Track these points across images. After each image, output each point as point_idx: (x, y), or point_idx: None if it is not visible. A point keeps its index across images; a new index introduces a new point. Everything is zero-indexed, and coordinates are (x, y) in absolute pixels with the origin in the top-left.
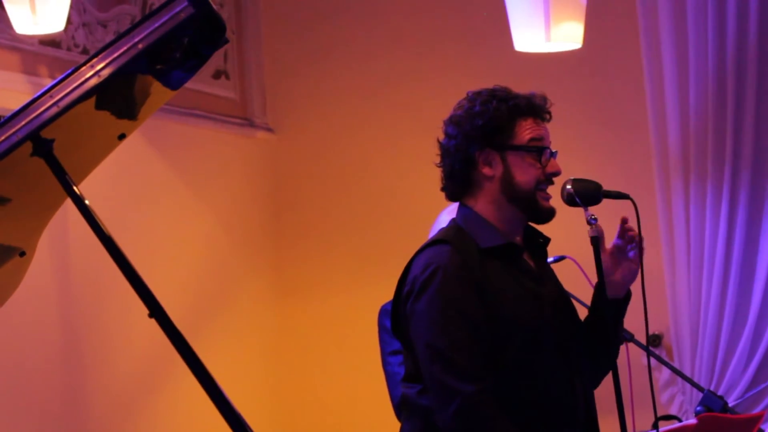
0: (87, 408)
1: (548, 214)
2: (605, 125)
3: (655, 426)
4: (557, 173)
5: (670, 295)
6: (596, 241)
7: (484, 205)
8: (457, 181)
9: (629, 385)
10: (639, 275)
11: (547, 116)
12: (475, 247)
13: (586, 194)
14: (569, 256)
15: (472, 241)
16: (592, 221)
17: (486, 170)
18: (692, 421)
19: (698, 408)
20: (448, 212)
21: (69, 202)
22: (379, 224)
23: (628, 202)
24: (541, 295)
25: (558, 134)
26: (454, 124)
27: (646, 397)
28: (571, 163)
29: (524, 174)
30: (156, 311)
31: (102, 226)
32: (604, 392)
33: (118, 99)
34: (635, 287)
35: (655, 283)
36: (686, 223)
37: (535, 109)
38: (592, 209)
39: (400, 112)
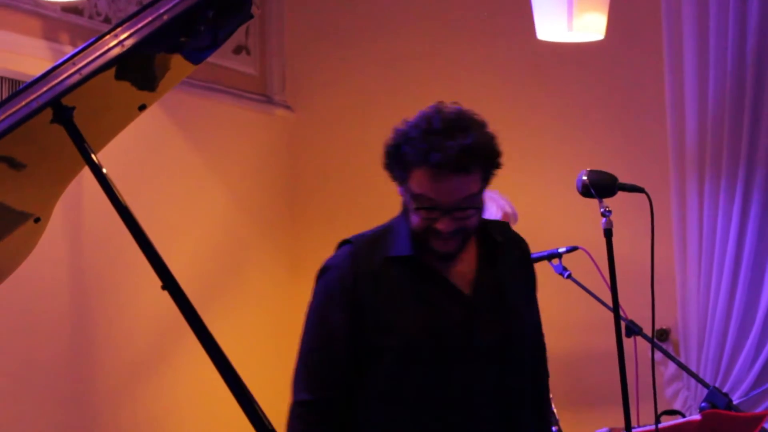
0: (96, 376)
1: (440, 258)
2: (623, 118)
3: (657, 420)
4: (440, 233)
5: (680, 291)
6: (609, 233)
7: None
8: None
9: (635, 379)
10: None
11: (460, 169)
12: (383, 253)
13: (601, 186)
14: (582, 247)
15: (384, 245)
16: (606, 213)
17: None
18: (696, 417)
19: (703, 404)
20: None
21: (84, 172)
22: (395, 203)
23: (643, 195)
24: (441, 306)
25: (576, 124)
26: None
27: (650, 392)
28: (588, 153)
29: (413, 216)
30: (169, 283)
31: (119, 196)
32: (608, 384)
33: (139, 70)
34: (644, 281)
35: (665, 277)
36: (699, 219)
37: (435, 163)
38: (607, 201)
39: (420, 91)
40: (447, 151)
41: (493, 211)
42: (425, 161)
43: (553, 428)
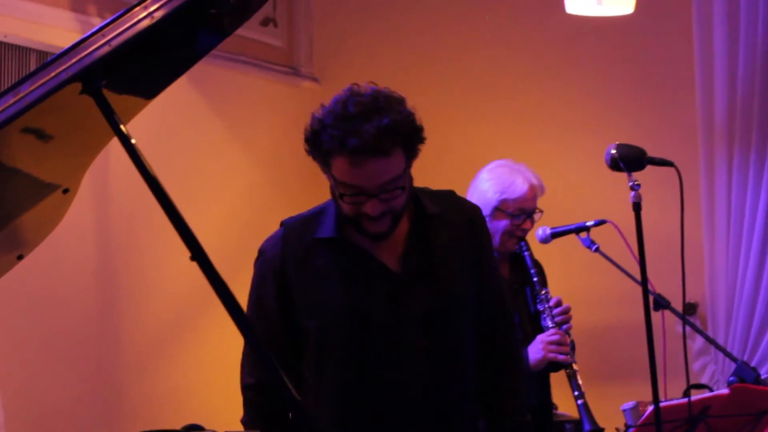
0: (122, 347)
1: (372, 238)
2: (652, 92)
3: (687, 393)
4: (366, 216)
5: (708, 265)
6: (638, 206)
7: None
8: None
9: (663, 353)
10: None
11: (377, 152)
12: (311, 235)
13: (630, 160)
14: (610, 221)
15: (314, 227)
16: (635, 187)
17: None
18: (724, 391)
19: (731, 378)
20: (488, 170)
21: (110, 144)
22: (421, 177)
23: (671, 169)
24: (366, 284)
25: (604, 98)
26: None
27: (677, 366)
28: (616, 127)
29: (340, 202)
30: (198, 255)
31: (148, 167)
32: (635, 358)
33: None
34: (671, 255)
35: (692, 251)
36: (728, 192)
37: (353, 149)
38: (635, 175)
39: (447, 63)
40: (363, 135)
41: (519, 183)
42: (343, 148)
43: (579, 401)
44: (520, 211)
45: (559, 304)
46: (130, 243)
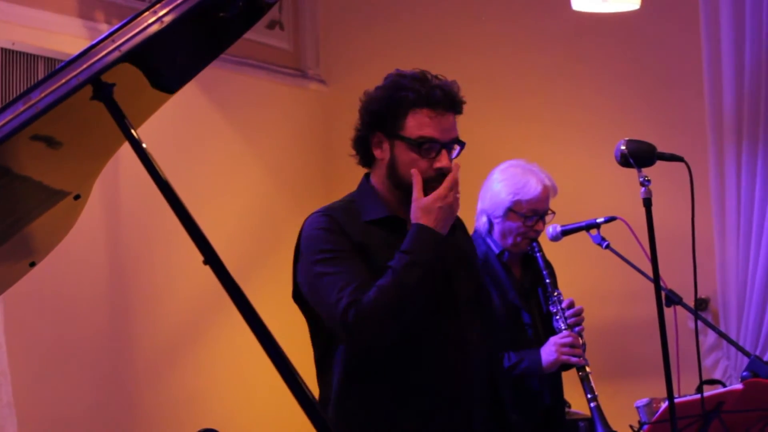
0: (134, 352)
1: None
2: (660, 88)
3: (700, 389)
4: (445, 170)
5: (719, 260)
6: (649, 202)
7: (378, 180)
8: (360, 154)
9: (675, 349)
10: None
11: (453, 108)
12: (359, 218)
13: (639, 155)
14: (620, 217)
15: (357, 213)
16: (645, 183)
17: (377, 152)
18: (738, 386)
19: (744, 373)
20: (501, 170)
21: (120, 149)
22: None
23: (680, 165)
24: None
25: (612, 94)
26: (363, 99)
27: (689, 361)
28: (624, 124)
29: (407, 166)
30: (211, 258)
31: (160, 171)
32: (647, 355)
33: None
34: (681, 250)
35: (703, 246)
36: (737, 187)
37: (433, 101)
38: (645, 171)
39: (455, 64)
40: (444, 89)
41: (533, 184)
42: (428, 100)
43: (591, 404)
44: (533, 213)
45: (571, 305)
46: (142, 248)
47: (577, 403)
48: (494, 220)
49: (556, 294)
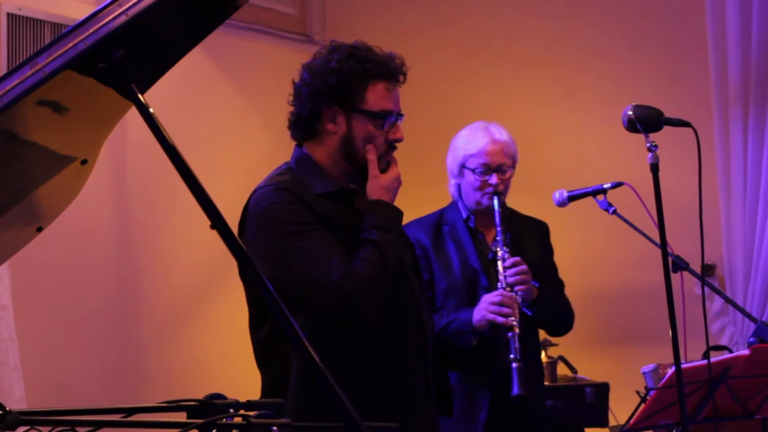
0: (141, 315)
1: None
2: (665, 53)
3: (707, 355)
4: (399, 140)
5: (725, 225)
6: (656, 167)
7: (321, 154)
8: (301, 127)
9: (682, 315)
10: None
11: (402, 79)
12: (310, 191)
13: (647, 120)
14: (627, 183)
15: (306, 186)
16: (652, 148)
17: (330, 126)
18: (744, 351)
19: (751, 339)
20: (459, 133)
21: (126, 116)
22: (439, 147)
23: (686, 130)
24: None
25: (618, 60)
26: (309, 72)
27: (696, 327)
28: (630, 90)
29: (364, 140)
30: (218, 223)
31: (167, 136)
32: (653, 321)
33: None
34: (688, 216)
35: (709, 212)
36: (743, 152)
37: (389, 73)
38: (653, 136)
39: (460, 29)
40: (396, 61)
41: (479, 138)
42: (385, 73)
43: (513, 365)
44: (485, 167)
45: (515, 265)
46: (149, 213)
47: (584, 368)
48: (456, 180)
49: (500, 252)
